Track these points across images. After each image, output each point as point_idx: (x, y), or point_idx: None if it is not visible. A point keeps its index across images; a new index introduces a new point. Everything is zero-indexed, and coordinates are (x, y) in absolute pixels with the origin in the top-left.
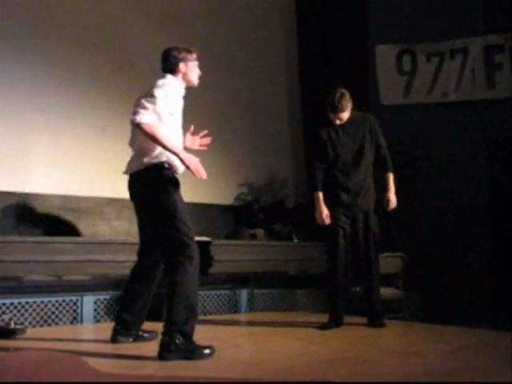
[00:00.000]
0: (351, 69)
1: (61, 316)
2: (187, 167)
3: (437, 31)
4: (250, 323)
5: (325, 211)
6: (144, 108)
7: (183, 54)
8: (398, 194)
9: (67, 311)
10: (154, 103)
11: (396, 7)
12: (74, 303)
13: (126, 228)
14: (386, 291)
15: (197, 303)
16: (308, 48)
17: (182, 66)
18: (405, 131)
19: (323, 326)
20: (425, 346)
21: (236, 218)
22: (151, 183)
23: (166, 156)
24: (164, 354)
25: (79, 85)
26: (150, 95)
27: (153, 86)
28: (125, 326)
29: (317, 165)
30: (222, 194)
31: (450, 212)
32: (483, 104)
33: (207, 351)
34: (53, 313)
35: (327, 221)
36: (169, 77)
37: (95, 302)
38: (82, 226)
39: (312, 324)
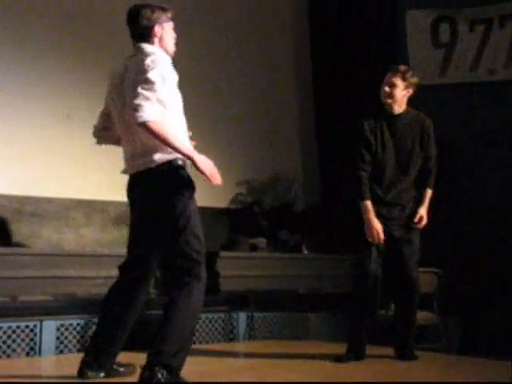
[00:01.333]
0: (376, 42)
1: (14, 346)
2: (201, 172)
3: None
4: (250, 354)
5: (377, 226)
6: (146, 99)
7: (157, 14)
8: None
9: (22, 340)
10: (153, 90)
11: None
12: (31, 330)
13: (97, 237)
14: (418, 315)
15: (193, 334)
16: (322, 21)
17: (157, 28)
18: (442, 117)
19: (340, 359)
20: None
21: (233, 225)
22: (163, 185)
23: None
24: None
25: (40, 63)
26: (144, 81)
27: (139, 66)
28: (96, 358)
29: (361, 166)
30: (215, 195)
31: (497, 219)
32: None
33: None
34: (4, 342)
35: (382, 237)
36: (149, 50)
37: (58, 329)
38: (42, 233)
39: (326, 356)
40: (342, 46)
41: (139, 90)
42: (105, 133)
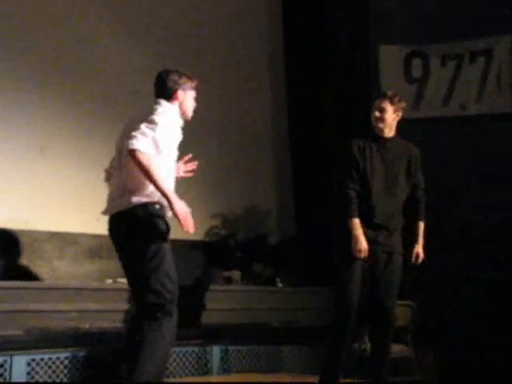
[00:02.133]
0: (349, 76)
1: None
2: (175, 215)
3: (454, 29)
4: None
5: (364, 243)
6: (143, 134)
7: (183, 80)
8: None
9: None
10: (154, 130)
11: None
12: (1, 365)
13: (70, 270)
14: (392, 348)
15: (164, 369)
16: (297, 55)
17: (180, 93)
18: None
19: None
20: None
21: (207, 257)
22: (137, 227)
23: (159, 196)
24: None
25: (15, 94)
26: (149, 121)
27: (150, 111)
28: None
29: (348, 184)
30: None
31: (469, 249)
32: (510, 118)
33: None
34: None
35: (364, 255)
36: (166, 104)
37: (29, 364)
38: (13, 266)
39: None
40: (316, 81)
41: (141, 125)
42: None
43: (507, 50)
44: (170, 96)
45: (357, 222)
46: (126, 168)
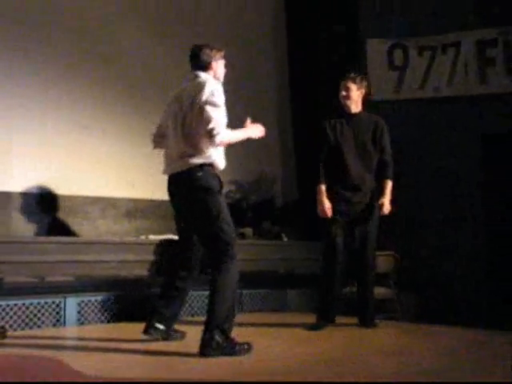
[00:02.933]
0: (341, 64)
1: (43, 318)
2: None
3: (429, 25)
4: (239, 324)
5: (327, 203)
6: (218, 123)
7: (214, 52)
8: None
9: (50, 314)
10: (220, 111)
11: (387, 0)
12: (57, 305)
13: (110, 228)
14: (377, 291)
15: (236, 302)
16: (298, 44)
17: (214, 64)
18: (396, 127)
19: (313, 327)
20: (416, 345)
21: None
22: (197, 183)
23: (211, 157)
24: (206, 350)
25: (61, 81)
26: (211, 103)
27: (200, 89)
28: (161, 321)
29: (320, 157)
30: None
31: (442, 210)
32: (477, 99)
33: (246, 347)
34: (35, 315)
35: (329, 213)
36: (207, 76)
37: (79, 304)
38: (65, 225)
39: (303, 324)
40: (314, 69)
41: (209, 113)
42: (161, 140)
43: (473, 42)
44: (206, 68)
45: (321, 188)
46: (186, 138)
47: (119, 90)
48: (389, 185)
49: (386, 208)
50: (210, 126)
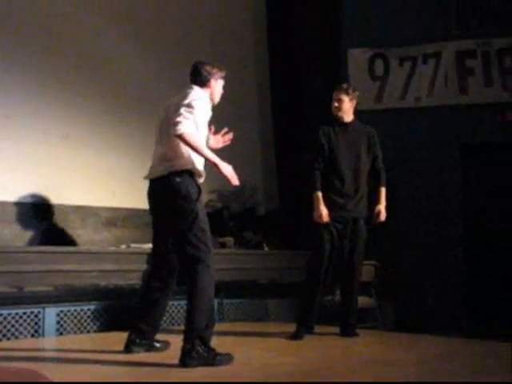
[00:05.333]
0: (323, 74)
1: (21, 329)
2: (223, 175)
3: (409, 36)
4: (219, 333)
5: (324, 210)
6: (185, 118)
7: (215, 71)
8: (386, 207)
9: (28, 324)
10: (192, 113)
11: (369, 11)
12: (36, 316)
13: (91, 237)
14: (359, 300)
15: (214, 311)
16: (280, 55)
17: (213, 82)
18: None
19: (294, 336)
20: (397, 355)
21: None
22: (175, 189)
23: (192, 163)
24: (186, 360)
25: (42, 90)
26: (187, 105)
27: (185, 96)
28: (140, 336)
29: (315, 165)
30: None
31: (422, 219)
32: (456, 109)
33: (227, 357)
34: (12, 326)
35: (326, 218)
36: (198, 89)
37: (58, 315)
38: (44, 234)
39: (283, 334)
40: (296, 80)
41: (181, 110)
42: None
43: (453, 53)
44: (204, 84)
45: (318, 194)
46: (166, 142)
47: (101, 99)
48: (383, 192)
49: (383, 215)
50: (177, 119)
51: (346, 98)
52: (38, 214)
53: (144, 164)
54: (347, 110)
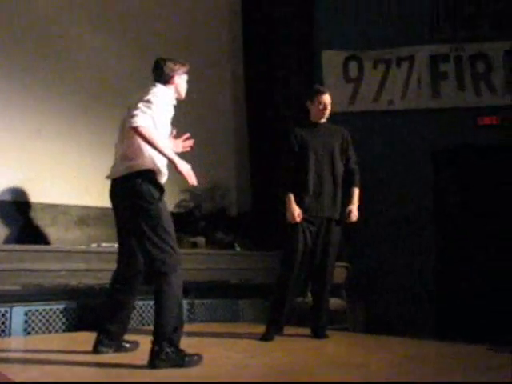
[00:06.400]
0: (297, 75)
1: None
2: (179, 173)
3: (384, 39)
4: (190, 334)
5: (297, 210)
6: (142, 112)
7: (178, 66)
8: (359, 208)
9: None
10: (150, 108)
11: (343, 13)
12: (3, 315)
13: (61, 236)
14: (330, 301)
15: (182, 312)
16: (254, 55)
17: (176, 78)
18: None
19: (264, 338)
20: (367, 356)
21: (176, 225)
22: (136, 189)
23: (153, 162)
24: (155, 362)
25: (12, 84)
26: (146, 101)
27: (147, 92)
28: (108, 337)
29: (286, 166)
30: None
31: (394, 222)
32: (429, 113)
33: (195, 358)
34: None
35: (299, 219)
36: (160, 86)
37: (26, 314)
38: (13, 232)
39: (254, 335)
40: (270, 81)
41: (139, 104)
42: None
43: (426, 57)
44: (167, 81)
45: (289, 195)
46: (126, 140)
47: (73, 94)
48: (356, 192)
49: (354, 215)
50: (134, 112)
51: (330, 100)
52: (7, 211)
53: None
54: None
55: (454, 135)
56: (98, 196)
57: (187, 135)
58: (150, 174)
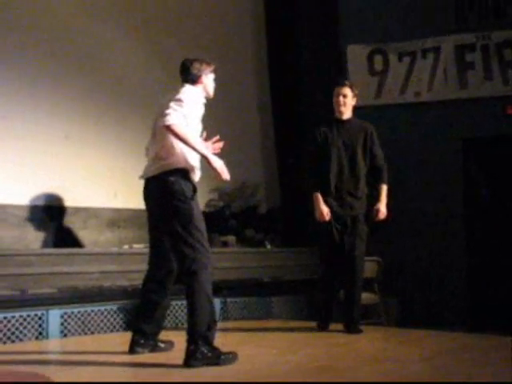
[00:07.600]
0: (323, 70)
1: (25, 332)
2: (213, 168)
3: (408, 30)
4: (224, 332)
5: (325, 209)
6: (174, 110)
7: (204, 66)
8: (388, 204)
9: (32, 327)
10: (181, 106)
11: (367, 6)
12: (40, 318)
13: (93, 238)
14: (362, 296)
15: (215, 310)
16: (279, 52)
17: (204, 77)
18: (377, 132)
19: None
20: (402, 351)
21: (207, 225)
22: (168, 188)
23: (186, 161)
24: (191, 361)
25: (40, 90)
26: (177, 100)
27: (177, 93)
28: (143, 337)
29: (313, 165)
30: None
31: (425, 214)
32: (456, 103)
33: (231, 356)
34: (16, 329)
35: (328, 217)
36: (189, 86)
37: (62, 316)
38: (47, 236)
39: (287, 331)
40: (297, 77)
41: (171, 104)
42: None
43: (452, 47)
44: (195, 81)
45: (317, 195)
46: (159, 140)
47: (103, 99)
48: (384, 189)
49: (382, 213)
50: (166, 111)
51: (350, 94)
52: (39, 216)
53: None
54: (350, 105)
55: (482, 125)
56: (128, 198)
57: (217, 137)
58: (183, 173)
